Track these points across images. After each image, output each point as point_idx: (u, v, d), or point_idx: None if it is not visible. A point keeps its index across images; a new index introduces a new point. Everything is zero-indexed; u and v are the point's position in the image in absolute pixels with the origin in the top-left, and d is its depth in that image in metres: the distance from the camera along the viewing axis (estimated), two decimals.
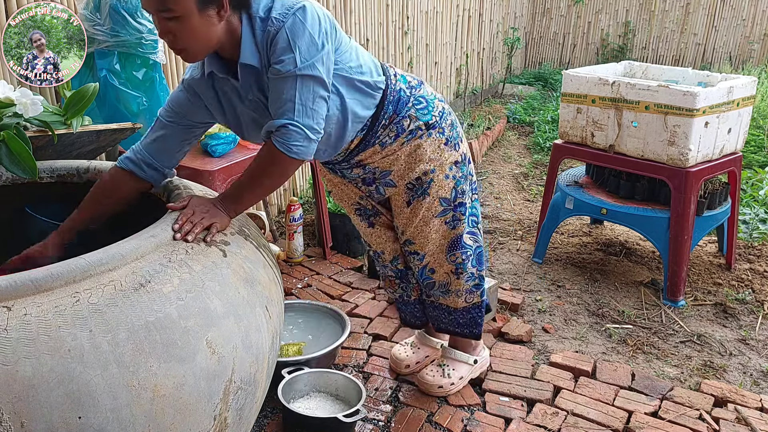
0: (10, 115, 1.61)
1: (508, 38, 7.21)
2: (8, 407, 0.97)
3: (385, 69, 1.74)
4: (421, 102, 1.77)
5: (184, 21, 1.35)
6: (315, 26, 1.44)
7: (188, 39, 1.39)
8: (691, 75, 3.01)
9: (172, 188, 1.55)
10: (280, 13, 1.43)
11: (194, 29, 1.37)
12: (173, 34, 1.38)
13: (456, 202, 1.89)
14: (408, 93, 1.75)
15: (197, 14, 1.35)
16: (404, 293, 2.18)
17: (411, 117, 1.75)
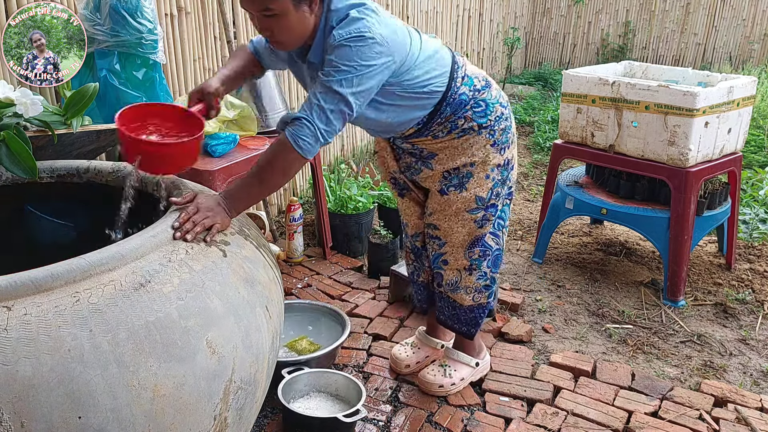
0: (10, 115, 1.61)
1: (508, 38, 7.21)
2: (8, 407, 0.97)
3: (454, 71, 1.80)
4: (480, 105, 1.83)
5: (281, 18, 1.50)
6: (365, 58, 1.54)
7: (285, 33, 1.54)
8: (691, 75, 3.01)
9: (172, 188, 1.55)
10: (340, 34, 1.54)
11: (290, 24, 1.52)
12: (271, 30, 1.53)
13: (489, 203, 1.93)
14: (470, 96, 1.82)
15: (293, 11, 1.50)
16: (416, 271, 2.23)
17: (467, 118, 1.82)
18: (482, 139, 1.86)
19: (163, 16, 2.75)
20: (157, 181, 1.60)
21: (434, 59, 1.76)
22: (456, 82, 1.80)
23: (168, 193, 1.54)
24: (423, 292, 2.25)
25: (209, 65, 3.08)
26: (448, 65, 1.79)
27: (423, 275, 2.21)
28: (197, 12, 2.97)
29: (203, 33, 3.02)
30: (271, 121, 2.73)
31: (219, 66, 3.14)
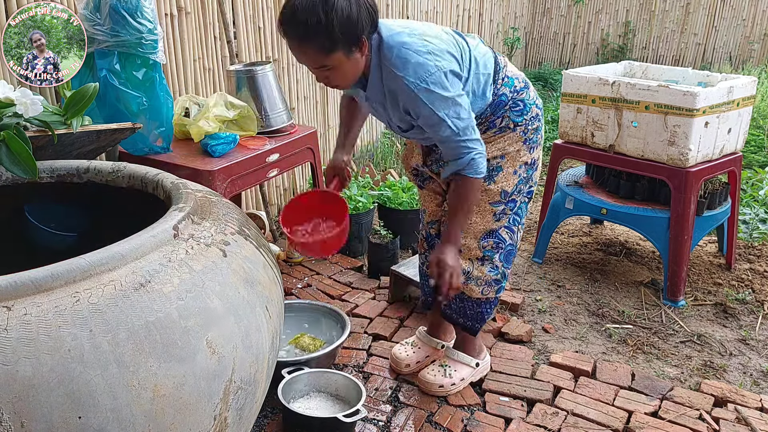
0: (10, 115, 1.61)
1: (508, 38, 7.21)
2: (8, 407, 0.97)
3: (496, 73, 1.87)
4: (519, 105, 1.91)
5: (336, 69, 1.61)
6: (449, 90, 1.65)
7: (341, 79, 1.66)
8: (691, 75, 3.01)
9: (172, 188, 1.55)
10: (412, 82, 1.63)
11: (345, 71, 1.63)
12: (328, 78, 1.65)
13: (510, 198, 1.97)
14: (510, 96, 1.90)
15: (346, 60, 1.60)
16: (426, 261, 2.23)
17: (504, 117, 1.91)
18: (516, 135, 1.93)
19: (163, 16, 2.75)
20: (157, 181, 1.60)
21: (481, 67, 1.83)
22: (497, 83, 1.87)
23: (168, 194, 1.54)
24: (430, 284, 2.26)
25: (209, 65, 3.08)
26: (492, 68, 1.86)
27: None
28: (197, 12, 2.97)
29: (203, 33, 3.02)
30: (272, 121, 2.73)
31: (219, 66, 3.14)
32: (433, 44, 1.67)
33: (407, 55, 1.64)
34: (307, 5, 1.51)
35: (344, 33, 1.54)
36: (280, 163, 2.65)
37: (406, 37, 1.66)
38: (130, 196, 1.68)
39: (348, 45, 1.57)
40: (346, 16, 1.52)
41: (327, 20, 1.51)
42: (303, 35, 1.54)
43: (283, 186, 3.74)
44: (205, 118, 2.46)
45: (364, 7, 1.57)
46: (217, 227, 1.38)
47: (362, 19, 1.57)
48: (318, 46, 1.55)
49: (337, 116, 4.24)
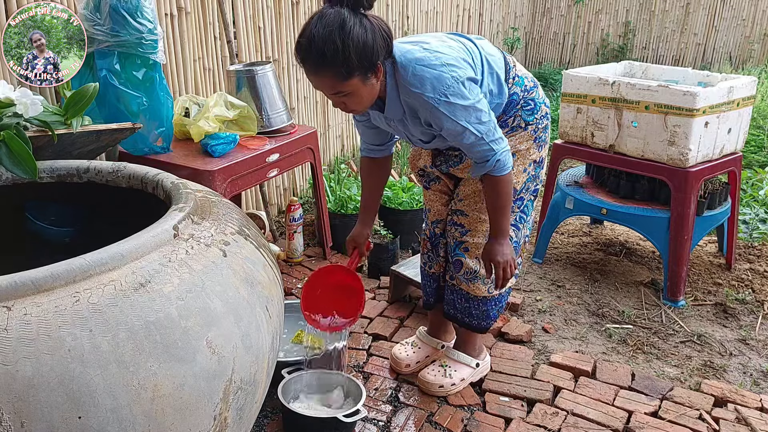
0: (10, 115, 1.61)
1: (508, 38, 7.21)
2: (8, 407, 0.97)
3: (506, 72, 1.89)
4: (530, 104, 1.94)
5: (353, 94, 1.63)
6: (468, 99, 1.67)
7: (357, 104, 1.68)
8: (691, 75, 3.01)
9: (172, 188, 1.55)
10: (432, 98, 1.65)
11: (361, 96, 1.65)
12: (345, 104, 1.67)
13: (518, 195, 2.00)
14: (521, 96, 1.92)
15: (362, 86, 1.62)
16: (429, 261, 2.24)
17: (516, 116, 1.93)
18: (527, 134, 1.96)
19: (163, 16, 2.75)
20: (157, 181, 1.60)
21: (493, 67, 1.84)
22: (508, 82, 1.89)
23: (168, 194, 1.54)
24: (432, 284, 2.26)
25: (209, 65, 3.08)
26: (503, 68, 1.88)
27: (435, 267, 2.23)
28: (197, 12, 2.97)
29: (203, 33, 3.02)
30: (272, 121, 2.73)
31: (219, 66, 3.14)
32: (446, 55, 1.68)
33: (422, 71, 1.65)
34: (324, 33, 1.53)
35: (360, 60, 1.56)
36: (280, 163, 2.65)
37: (419, 53, 1.67)
38: (130, 196, 1.68)
39: (364, 71, 1.59)
40: (362, 43, 1.54)
41: (343, 48, 1.53)
42: (320, 63, 1.56)
43: (283, 186, 3.74)
44: (205, 118, 2.46)
45: (379, 33, 1.59)
46: (217, 227, 1.38)
47: (377, 46, 1.58)
48: (334, 73, 1.57)
49: (337, 116, 4.26)
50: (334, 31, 1.52)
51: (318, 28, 1.53)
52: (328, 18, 1.53)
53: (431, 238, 2.22)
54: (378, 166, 2.09)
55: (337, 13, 1.53)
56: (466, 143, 1.74)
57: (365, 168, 2.11)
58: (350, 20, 1.53)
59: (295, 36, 3.66)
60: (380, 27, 1.60)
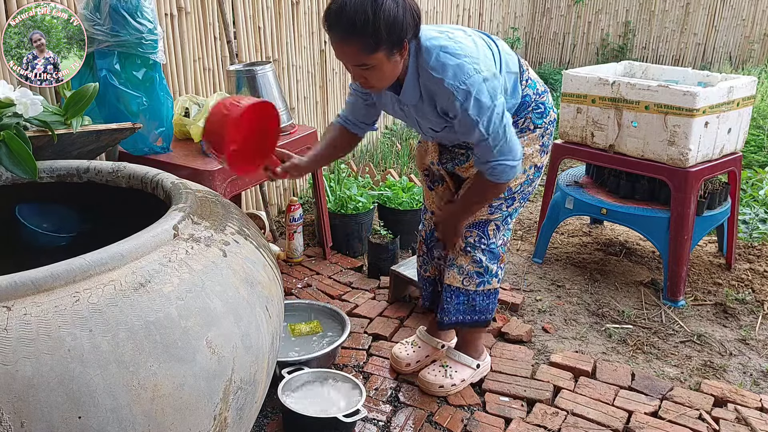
0: (10, 115, 1.61)
1: (508, 38, 7.21)
2: (8, 407, 0.97)
3: (521, 73, 1.91)
4: (540, 108, 1.97)
5: (375, 69, 1.61)
6: (490, 94, 1.67)
7: (378, 80, 1.65)
8: (691, 75, 3.01)
9: (172, 188, 1.55)
10: (453, 84, 1.64)
11: (384, 72, 1.63)
12: (365, 77, 1.65)
13: (511, 195, 1.99)
14: (533, 98, 1.95)
15: (387, 61, 1.60)
16: (424, 264, 2.27)
17: (527, 118, 1.95)
18: (535, 137, 1.98)
19: (163, 16, 2.75)
20: (157, 181, 1.60)
21: (509, 66, 1.86)
22: (522, 83, 1.92)
23: (168, 194, 1.54)
24: (428, 288, 2.29)
25: (209, 65, 3.08)
26: (517, 69, 1.90)
27: (430, 270, 2.25)
28: (197, 12, 2.97)
29: (203, 33, 3.02)
30: None
31: (219, 66, 3.14)
32: (470, 48, 1.69)
33: (446, 58, 1.65)
34: (356, 2, 1.51)
35: (389, 34, 1.55)
36: None
37: (444, 41, 1.68)
38: (130, 196, 1.68)
39: (390, 46, 1.58)
40: (392, 17, 1.54)
41: (374, 19, 1.51)
42: (348, 32, 1.54)
43: (283, 186, 3.74)
44: (205, 118, 2.46)
45: (410, 11, 1.58)
46: (217, 227, 1.38)
47: (407, 23, 1.58)
48: (361, 45, 1.55)
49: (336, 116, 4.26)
50: (367, 2, 1.51)
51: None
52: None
53: (426, 240, 2.23)
54: (348, 137, 2.02)
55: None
56: (474, 138, 1.74)
57: (334, 131, 2.01)
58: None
59: (295, 36, 3.66)
60: (411, 5, 1.59)
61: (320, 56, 3.97)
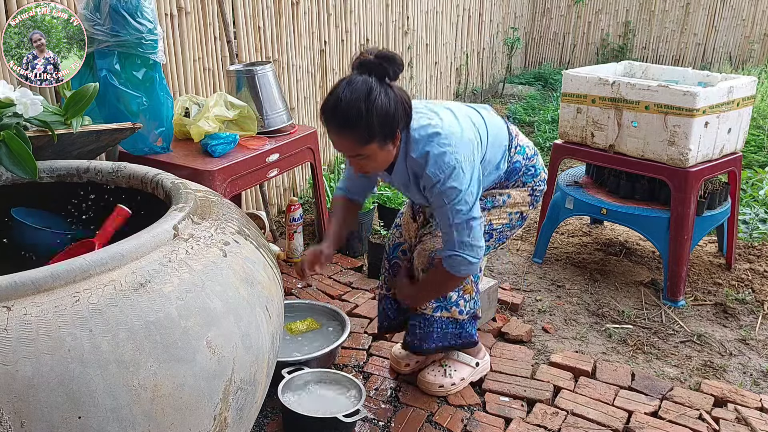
0: (10, 115, 1.61)
1: (508, 38, 7.21)
2: (8, 407, 0.97)
3: (510, 142, 2.01)
4: (531, 170, 2.08)
5: (370, 158, 1.72)
6: (464, 184, 1.75)
7: (373, 167, 1.78)
8: (691, 75, 3.01)
9: (172, 188, 1.55)
10: (434, 173, 1.74)
11: (377, 160, 1.75)
12: (361, 165, 1.77)
13: (488, 231, 2.03)
14: (523, 163, 2.06)
15: (380, 151, 1.71)
16: (386, 284, 2.23)
17: (518, 181, 2.07)
18: (525, 190, 2.09)
19: (163, 16, 2.75)
20: (157, 181, 1.60)
21: (498, 138, 1.96)
22: (511, 152, 2.02)
23: (168, 194, 1.54)
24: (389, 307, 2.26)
25: (209, 65, 3.08)
26: (506, 139, 2.00)
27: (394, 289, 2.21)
28: (197, 12, 2.97)
29: (203, 33, 3.02)
30: (272, 121, 2.73)
31: (219, 66, 3.14)
32: (455, 134, 1.77)
33: (431, 147, 1.75)
34: (351, 98, 1.62)
35: (382, 127, 1.66)
36: (280, 163, 2.65)
37: (431, 129, 1.77)
38: (130, 196, 1.68)
39: (383, 137, 1.68)
40: (385, 111, 1.64)
41: (367, 114, 1.62)
42: (344, 125, 1.66)
43: (283, 186, 3.75)
44: (205, 118, 2.46)
45: (401, 103, 1.70)
46: (217, 227, 1.38)
47: (398, 116, 1.69)
48: (356, 137, 1.66)
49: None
50: (361, 98, 1.62)
51: (346, 93, 1.63)
52: (356, 84, 1.64)
53: (389, 255, 2.19)
54: (353, 207, 2.12)
55: (365, 81, 1.64)
56: (441, 221, 1.82)
57: (340, 203, 2.10)
58: (376, 89, 1.63)
59: (295, 36, 3.66)
60: (402, 98, 1.70)
61: (320, 56, 3.97)
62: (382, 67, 1.65)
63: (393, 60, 1.66)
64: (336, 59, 4.14)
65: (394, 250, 2.18)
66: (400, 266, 2.15)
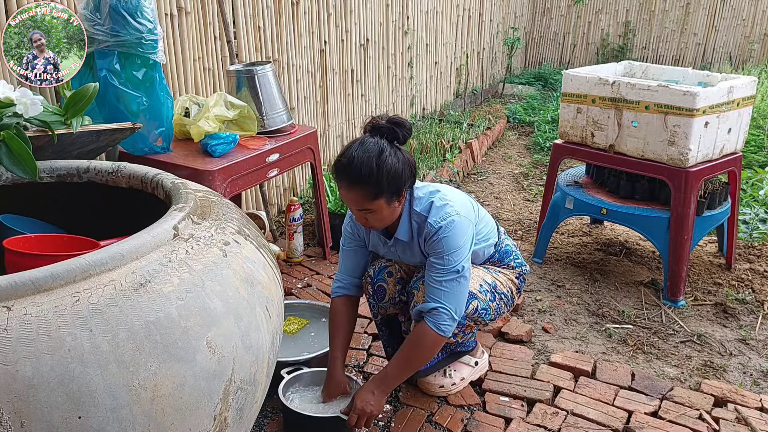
0: (10, 115, 1.61)
1: (508, 38, 7.21)
2: (8, 407, 0.97)
3: (498, 226, 2.18)
4: (519, 258, 2.22)
5: (377, 212, 1.82)
6: (461, 238, 1.85)
7: (378, 222, 1.86)
8: (691, 75, 3.01)
9: (172, 188, 1.55)
10: (434, 221, 1.85)
11: (383, 216, 1.84)
12: (367, 219, 1.85)
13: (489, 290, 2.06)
14: (513, 249, 2.19)
15: (386, 207, 1.82)
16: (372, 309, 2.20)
17: (509, 266, 2.17)
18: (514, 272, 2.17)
19: (163, 16, 2.75)
20: (157, 181, 1.60)
21: (487, 217, 2.11)
22: (501, 235, 2.16)
23: (168, 194, 1.54)
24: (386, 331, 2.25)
25: (209, 65, 3.08)
26: (494, 222, 2.15)
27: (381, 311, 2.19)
28: (197, 12, 2.97)
29: (203, 33, 3.02)
30: (272, 121, 2.73)
31: (219, 66, 3.14)
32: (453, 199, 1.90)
33: (435, 200, 1.89)
34: (364, 157, 1.75)
35: (389, 184, 1.77)
36: (280, 163, 2.65)
37: (432, 187, 1.94)
38: (130, 196, 1.68)
39: (390, 195, 1.80)
40: (393, 170, 1.77)
41: (378, 172, 1.74)
42: (355, 180, 1.76)
43: (283, 186, 3.75)
44: (205, 118, 2.46)
45: (408, 165, 1.82)
46: (217, 227, 1.38)
47: (406, 175, 1.81)
48: (365, 192, 1.77)
49: (337, 116, 4.27)
50: (373, 157, 1.75)
51: (359, 152, 1.76)
52: (368, 145, 1.77)
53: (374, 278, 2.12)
54: (352, 306, 2.09)
55: (377, 143, 1.77)
56: (432, 272, 1.86)
57: (341, 309, 2.06)
58: (387, 150, 1.77)
59: (295, 36, 3.66)
60: (409, 161, 1.83)
61: (320, 56, 3.97)
62: (392, 131, 1.80)
63: (402, 125, 1.81)
64: (336, 59, 4.14)
65: (380, 272, 2.11)
66: (385, 290, 2.11)
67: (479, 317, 2.03)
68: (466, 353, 2.18)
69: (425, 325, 1.85)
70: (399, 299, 2.12)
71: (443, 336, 1.84)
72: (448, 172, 4.33)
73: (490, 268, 2.13)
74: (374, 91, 4.76)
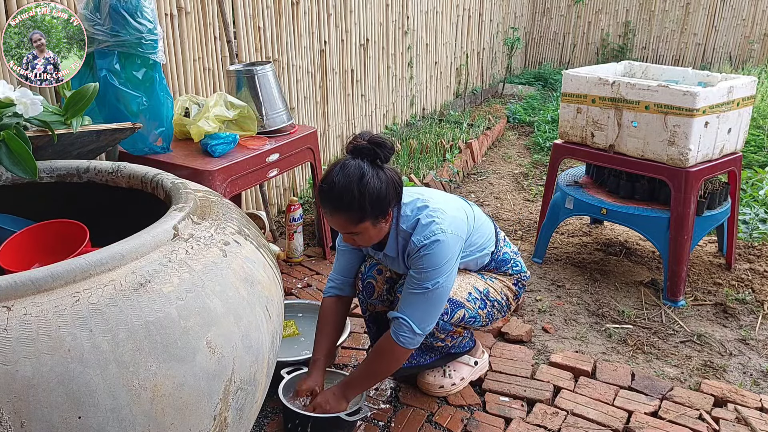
0: (10, 115, 1.61)
1: (508, 38, 7.21)
2: (8, 407, 0.97)
3: (496, 233, 2.13)
4: (518, 265, 2.18)
5: (363, 234, 1.80)
6: (444, 257, 1.81)
7: (366, 241, 1.84)
8: (691, 75, 3.01)
9: (172, 188, 1.55)
10: (418, 240, 1.82)
11: (370, 235, 1.82)
12: (354, 240, 1.84)
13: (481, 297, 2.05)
14: (511, 256, 2.15)
15: (372, 228, 1.79)
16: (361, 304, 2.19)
17: (507, 272, 2.14)
18: (511, 279, 2.14)
19: (163, 16, 2.75)
20: (157, 181, 1.60)
21: (484, 225, 2.05)
22: (499, 242, 2.12)
23: (168, 194, 1.54)
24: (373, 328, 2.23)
25: (209, 65, 3.08)
26: (492, 230, 2.10)
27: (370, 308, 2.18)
28: (197, 12, 2.97)
29: (203, 33, 3.02)
30: (272, 121, 2.73)
31: (219, 66, 3.14)
32: (443, 212, 1.85)
33: (420, 217, 1.85)
34: (345, 182, 1.71)
35: (373, 208, 1.74)
36: (280, 163, 2.65)
37: (419, 203, 1.88)
38: (130, 196, 1.68)
39: (375, 216, 1.76)
40: (376, 194, 1.72)
41: (360, 197, 1.70)
42: (337, 207, 1.74)
43: (283, 186, 3.75)
44: (205, 118, 2.46)
45: (392, 184, 1.78)
46: (217, 227, 1.38)
47: (390, 196, 1.77)
48: (348, 217, 1.74)
49: (337, 116, 4.27)
50: (353, 182, 1.70)
51: (339, 177, 1.71)
52: (349, 169, 1.72)
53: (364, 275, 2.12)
54: (343, 306, 2.10)
55: (358, 166, 1.72)
56: (408, 284, 1.84)
57: (330, 310, 2.08)
58: (369, 173, 1.72)
59: (295, 36, 3.66)
60: (393, 179, 1.79)
61: (320, 56, 3.97)
62: (373, 152, 1.74)
63: (383, 145, 1.75)
64: (336, 59, 4.14)
65: (369, 270, 2.11)
66: (374, 287, 2.10)
67: (468, 325, 2.03)
68: (464, 353, 2.18)
69: (389, 335, 1.85)
70: (387, 297, 2.11)
71: (403, 347, 1.83)
72: (448, 172, 4.33)
73: (485, 274, 2.11)
74: (374, 91, 4.76)
